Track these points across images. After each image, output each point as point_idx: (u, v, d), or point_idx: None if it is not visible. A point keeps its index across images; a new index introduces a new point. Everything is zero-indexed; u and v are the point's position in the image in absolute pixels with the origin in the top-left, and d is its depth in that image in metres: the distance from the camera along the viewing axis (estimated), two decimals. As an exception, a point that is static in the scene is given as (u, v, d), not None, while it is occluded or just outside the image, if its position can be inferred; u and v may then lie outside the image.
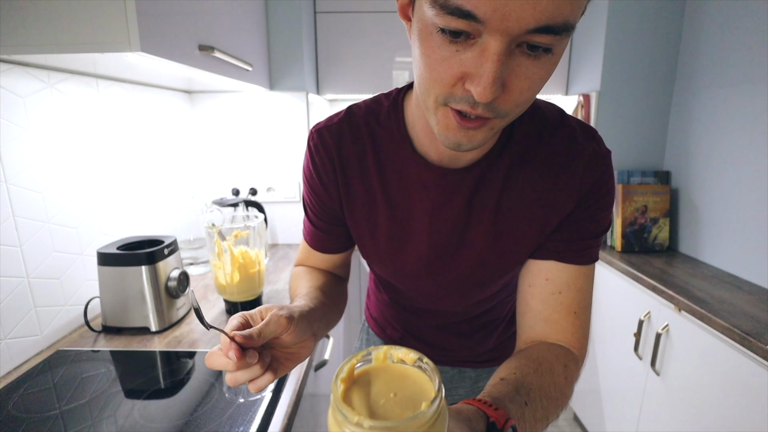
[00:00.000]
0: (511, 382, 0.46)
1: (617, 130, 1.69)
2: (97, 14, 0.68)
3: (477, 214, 0.55)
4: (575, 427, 1.90)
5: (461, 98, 0.39)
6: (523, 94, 0.39)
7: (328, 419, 0.29)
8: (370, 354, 0.32)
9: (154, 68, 0.97)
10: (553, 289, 0.55)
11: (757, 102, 1.28)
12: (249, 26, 1.34)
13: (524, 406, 0.44)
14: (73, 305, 0.98)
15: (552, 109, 0.56)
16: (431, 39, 0.38)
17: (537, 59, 0.37)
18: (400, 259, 0.61)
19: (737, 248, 1.36)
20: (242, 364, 0.40)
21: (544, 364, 0.50)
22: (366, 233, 0.61)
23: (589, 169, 0.52)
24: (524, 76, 0.38)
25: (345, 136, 0.58)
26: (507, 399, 0.43)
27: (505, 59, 0.36)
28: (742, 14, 1.33)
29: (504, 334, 0.78)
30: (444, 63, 0.38)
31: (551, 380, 0.48)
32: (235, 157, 1.65)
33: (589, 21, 1.69)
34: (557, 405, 0.48)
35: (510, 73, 0.37)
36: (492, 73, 0.36)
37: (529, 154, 0.53)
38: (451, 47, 0.37)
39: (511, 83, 0.38)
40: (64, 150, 0.96)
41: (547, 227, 0.55)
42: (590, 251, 0.56)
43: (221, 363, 0.40)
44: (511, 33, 0.34)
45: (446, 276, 0.61)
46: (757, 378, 0.96)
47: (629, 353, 1.42)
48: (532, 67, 0.37)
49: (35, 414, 0.69)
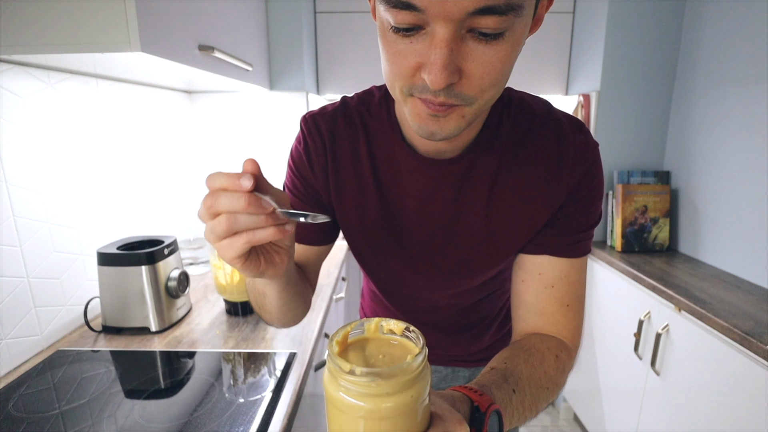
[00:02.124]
0: (501, 370, 0.47)
1: (617, 130, 1.69)
2: (97, 14, 0.68)
3: (467, 207, 0.56)
4: (575, 427, 1.90)
5: (422, 87, 0.40)
6: (485, 79, 0.39)
7: (323, 377, 0.31)
8: (363, 325, 0.35)
9: (154, 68, 0.97)
10: (546, 283, 0.55)
11: (757, 102, 1.28)
12: (249, 26, 1.34)
13: (512, 393, 0.45)
14: (73, 305, 0.98)
15: (539, 103, 0.56)
16: (388, 35, 0.40)
17: (490, 43, 0.37)
18: (390, 250, 0.61)
19: (737, 248, 1.36)
20: (233, 182, 0.36)
21: (535, 354, 0.51)
22: (355, 221, 0.60)
23: (577, 161, 0.53)
24: (480, 60, 0.38)
25: (339, 125, 0.58)
26: (494, 386, 0.44)
27: (455, 45, 0.36)
28: (742, 14, 1.33)
29: (497, 333, 0.78)
30: (400, 56, 0.39)
31: (542, 370, 0.50)
32: (235, 157, 1.65)
33: (589, 21, 1.69)
34: (547, 393, 0.49)
35: (465, 59, 0.38)
36: (440, 59, 0.36)
37: (518, 147, 0.54)
38: (405, 40, 0.39)
39: (468, 69, 0.38)
40: (64, 150, 0.96)
41: (537, 221, 0.55)
42: (582, 244, 0.56)
43: (215, 179, 0.36)
44: (453, 18, 0.35)
45: (436, 267, 0.61)
46: (757, 378, 0.96)
47: (629, 353, 1.42)
48: (487, 52, 0.37)
49: (35, 414, 0.69)
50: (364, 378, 0.28)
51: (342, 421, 0.30)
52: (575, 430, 1.88)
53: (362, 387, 0.28)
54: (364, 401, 0.28)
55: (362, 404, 0.28)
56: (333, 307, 1.22)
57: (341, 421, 0.30)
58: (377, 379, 0.28)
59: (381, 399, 0.28)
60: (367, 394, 0.28)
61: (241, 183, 0.35)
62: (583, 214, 0.55)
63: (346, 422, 0.29)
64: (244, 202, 0.35)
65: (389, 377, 0.28)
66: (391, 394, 0.28)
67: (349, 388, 0.29)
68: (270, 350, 0.89)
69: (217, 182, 0.37)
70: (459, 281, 0.63)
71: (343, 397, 0.29)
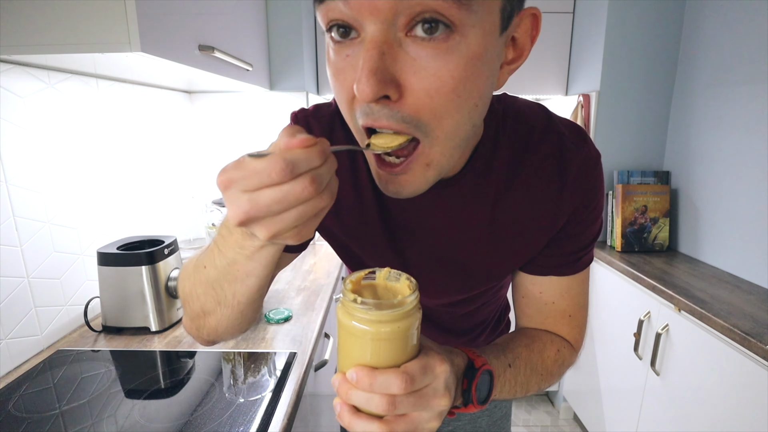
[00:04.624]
0: (501, 345, 0.50)
1: (617, 130, 1.69)
2: (97, 14, 0.68)
3: (467, 228, 0.53)
4: (575, 427, 1.90)
5: (363, 111, 0.35)
6: (434, 98, 0.33)
7: (337, 308, 0.38)
8: (374, 272, 0.41)
9: (154, 68, 0.97)
10: (548, 300, 0.55)
11: (757, 102, 1.28)
12: (249, 26, 1.34)
13: (507, 366, 0.47)
14: (73, 305, 0.98)
15: (537, 111, 0.52)
16: (330, 54, 0.37)
17: (437, 46, 0.31)
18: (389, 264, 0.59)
19: (737, 248, 1.36)
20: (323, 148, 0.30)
21: (538, 342, 0.53)
22: (354, 237, 0.57)
23: (580, 177, 0.50)
24: (423, 71, 0.32)
25: (337, 132, 0.52)
26: (492, 356, 0.47)
27: (388, 48, 0.31)
28: (742, 14, 1.33)
29: (492, 333, 0.78)
30: (341, 74, 0.36)
31: (540, 357, 0.52)
32: (235, 157, 1.65)
33: (589, 21, 1.69)
34: (540, 379, 0.51)
35: (404, 69, 0.32)
36: (367, 61, 0.31)
37: (517, 166, 0.50)
38: (341, 53, 0.35)
39: (409, 82, 0.33)
40: (64, 150, 0.96)
41: (540, 241, 0.53)
42: (584, 260, 0.55)
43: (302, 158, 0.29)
44: (380, 8, 0.30)
45: (435, 284, 0.59)
46: (757, 378, 0.96)
47: (629, 353, 1.42)
48: (432, 61, 0.32)
49: (35, 414, 0.69)
50: (363, 305, 0.35)
51: (351, 342, 0.37)
52: (575, 430, 1.88)
53: (363, 314, 0.35)
54: (364, 324, 0.35)
55: (361, 326, 0.35)
56: (333, 307, 1.22)
57: (350, 342, 0.37)
58: (372, 308, 0.35)
59: (376, 324, 0.35)
60: (367, 320, 0.35)
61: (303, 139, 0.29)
62: (585, 232, 0.53)
63: (354, 343, 0.37)
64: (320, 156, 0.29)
65: (386, 308, 0.35)
66: (384, 322, 0.35)
67: (354, 314, 0.36)
68: (270, 350, 0.89)
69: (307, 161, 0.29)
70: (457, 297, 0.62)
71: (349, 322, 0.36)
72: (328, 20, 0.34)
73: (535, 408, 2.03)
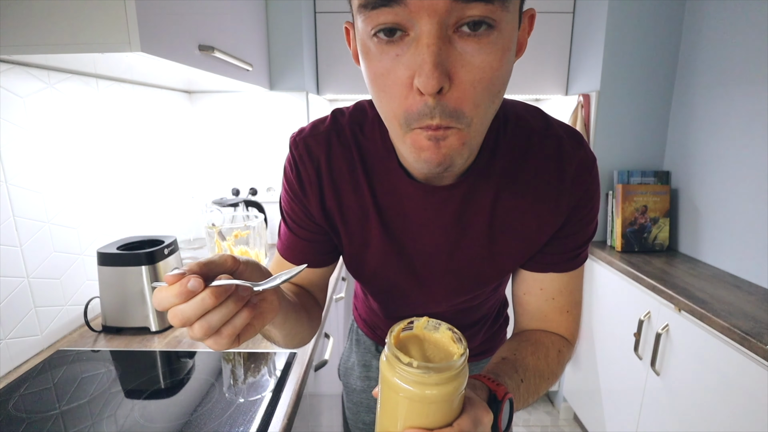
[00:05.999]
0: (511, 361, 0.52)
1: (617, 130, 1.69)
2: (97, 14, 0.68)
3: (468, 231, 0.55)
4: (575, 427, 1.90)
5: (419, 112, 0.37)
6: (476, 88, 0.37)
7: (381, 364, 0.37)
8: (413, 322, 0.41)
9: (154, 68, 0.97)
10: (548, 297, 0.58)
11: (757, 102, 1.28)
12: (249, 26, 1.34)
13: (520, 383, 0.50)
14: (73, 305, 0.98)
15: (535, 115, 0.54)
16: (371, 53, 0.38)
17: (480, 41, 0.35)
18: (391, 273, 0.60)
19: (737, 248, 1.36)
20: (183, 289, 0.34)
21: (541, 348, 0.56)
22: (359, 246, 0.59)
23: (577, 179, 0.52)
24: (471, 64, 0.36)
25: (334, 147, 0.54)
26: (506, 376, 0.49)
27: (443, 44, 0.35)
28: (742, 14, 1.33)
29: (491, 329, 0.79)
30: (390, 74, 0.37)
31: (545, 363, 0.54)
32: (235, 157, 1.65)
33: (589, 21, 1.69)
34: (548, 383, 0.55)
35: (454, 63, 0.35)
36: (430, 56, 0.34)
37: (517, 169, 0.52)
38: (390, 52, 0.36)
39: (458, 75, 0.36)
40: (64, 150, 0.96)
41: (539, 241, 0.55)
42: (581, 257, 0.58)
43: (164, 296, 0.35)
44: (438, 9, 0.33)
45: (437, 285, 0.61)
46: (757, 378, 0.96)
47: (629, 353, 1.42)
48: (478, 54, 0.35)
49: (35, 414, 0.69)
50: (419, 370, 0.34)
51: (394, 401, 0.36)
52: (575, 430, 1.88)
53: (415, 376, 0.34)
54: (415, 387, 0.34)
55: (413, 389, 0.34)
56: (333, 307, 1.22)
57: (394, 400, 0.36)
58: (431, 372, 0.34)
59: (429, 387, 0.34)
60: (418, 382, 0.34)
61: (190, 287, 0.33)
62: (582, 231, 0.56)
63: (398, 402, 0.36)
64: (209, 300, 0.33)
65: (439, 371, 0.34)
66: (437, 384, 0.34)
67: (403, 375, 0.35)
68: (270, 350, 0.89)
69: (167, 299, 0.34)
70: (458, 296, 0.63)
71: (398, 382, 0.35)
72: (376, 24, 0.36)
73: (535, 408, 2.03)
